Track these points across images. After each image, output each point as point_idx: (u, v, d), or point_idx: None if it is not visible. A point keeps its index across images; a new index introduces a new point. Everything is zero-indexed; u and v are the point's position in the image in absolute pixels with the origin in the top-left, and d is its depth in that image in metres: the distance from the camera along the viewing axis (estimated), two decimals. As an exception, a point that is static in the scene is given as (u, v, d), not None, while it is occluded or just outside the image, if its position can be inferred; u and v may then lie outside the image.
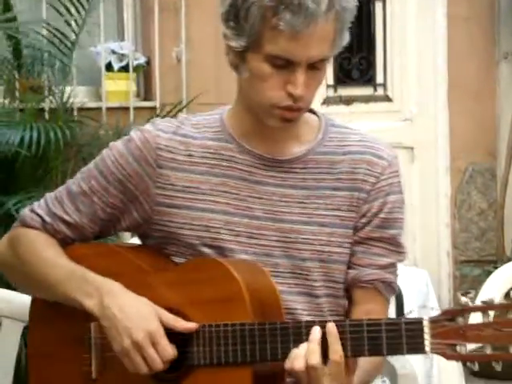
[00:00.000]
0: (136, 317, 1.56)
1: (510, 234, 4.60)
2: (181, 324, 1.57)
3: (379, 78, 4.61)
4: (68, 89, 3.76)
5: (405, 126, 4.60)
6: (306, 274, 1.65)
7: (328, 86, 4.54)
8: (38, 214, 1.72)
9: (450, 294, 4.64)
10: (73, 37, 3.69)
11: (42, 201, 1.73)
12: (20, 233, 1.73)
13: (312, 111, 1.71)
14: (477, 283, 4.43)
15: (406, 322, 1.47)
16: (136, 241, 2.06)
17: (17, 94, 3.77)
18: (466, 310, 1.44)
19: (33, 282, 1.70)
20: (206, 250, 1.64)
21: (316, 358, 1.48)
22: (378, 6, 4.58)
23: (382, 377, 2.20)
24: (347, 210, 1.66)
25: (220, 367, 1.55)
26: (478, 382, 4.00)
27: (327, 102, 4.54)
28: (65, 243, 1.71)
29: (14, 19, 3.64)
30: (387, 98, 4.62)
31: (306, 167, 1.66)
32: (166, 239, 1.67)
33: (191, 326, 1.57)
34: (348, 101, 4.55)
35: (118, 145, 1.69)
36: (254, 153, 1.66)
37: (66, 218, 1.70)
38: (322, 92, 4.53)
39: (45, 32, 3.75)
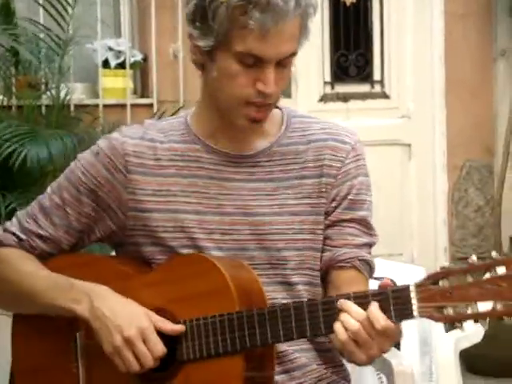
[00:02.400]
0: (126, 315, 1.58)
1: (507, 231, 4.60)
2: (169, 326, 1.58)
3: (376, 75, 4.61)
4: (65, 86, 3.76)
5: (402, 122, 4.60)
6: (283, 264, 1.67)
7: (325, 83, 4.54)
8: (12, 233, 1.72)
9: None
10: (69, 32, 3.68)
11: (14, 220, 1.74)
12: None
13: None
14: (474, 280, 4.43)
15: (392, 290, 1.49)
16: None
17: (13, 90, 3.76)
18: (449, 273, 1.46)
19: (16, 298, 1.70)
20: (185, 250, 1.65)
21: (383, 319, 1.48)
22: (376, 3, 4.58)
23: (378, 373, 2.20)
24: (316, 197, 1.68)
25: (210, 359, 1.56)
26: (474, 379, 4.01)
27: (324, 99, 4.54)
28: (42, 258, 1.71)
29: (13, 14, 3.63)
30: (384, 95, 4.62)
31: (272, 159, 1.69)
32: (141, 245, 1.68)
33: (179, 328, 1.58)
34: (345, 98, 4.54)
35: (86, 155, 1.71)
36: (219, 151, 1.68)
37: (41, 232, 1.70)
38: (319, 89, 4.53)
39: (41, 27, 3.74)
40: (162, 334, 1.58)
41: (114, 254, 1.79)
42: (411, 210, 4.57)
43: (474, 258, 1.47)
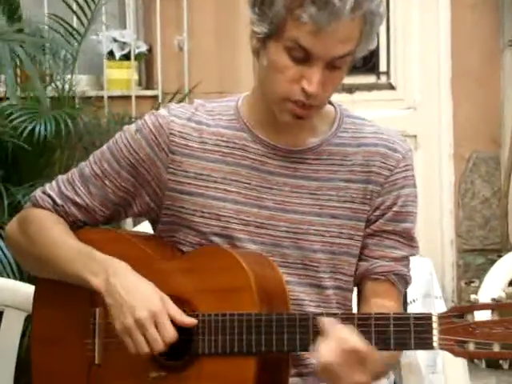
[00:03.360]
0: (141, 296, 1.56)
1: (513, 223, 4.59)
2: (179, 316, 1.56)
3: (382, 66, 4.59)
4: (69, 77, 3.75)
5: (408, 114, 4.59)
6: (316, 266, 1.64)
7: (331, 74, 4.52)
8: (49, 196, 1.72)
9: (453, 283, 4.63)
10: (82, 29, 3.68)
11: (53, 183, 1.74)
12: (30, 213, 1.73)
13: (328, 101, 1.69)
14: (480, 272, 4.42)
15: (414, 317, 1.46)
16: (141, 228, 2.05)
17: (19, 82, 3.75)
18: (474, 308, 1.44)
19: (41, 261, 1.69)
20: (216, 238, 1.64)
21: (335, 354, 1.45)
22: (382, -6, 4.56)
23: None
24: (360, 203, 1.65)
25: (224, 356, 1.55)
26: (481, 372, 4.00)
27: (330, 90, 4.52)
28: (75, 226, 1.71)
29: (18, 6, 3.63)
30: (390, 86, 4.60)
31: (319, 158, 1.66)
32: (176, 225, 1.67)
33: (190, 321, 1.56)
34: (351, 89, 4.53)
35: (131, 128, 1.69)
36: (267, 142, 1.66)
37: (78, 200, 1.70)
38: (324, 80, 4.52)
39: (47, 20, 3.74)
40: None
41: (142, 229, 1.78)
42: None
43: (502, 295, 1.44)
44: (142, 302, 1.56)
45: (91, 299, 1.64)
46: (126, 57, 4.10)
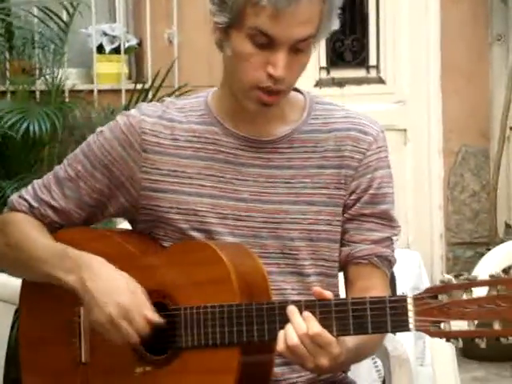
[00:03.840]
0: (112, 292, 1.57)
1: (502, 216, 4.61)
2: (149, 312, 1.56)
3: (372, 60, 4.60)
4: (59, 71, 3.75)
5: (398, 107, 4.60)
6: (295, 254, 1.65)
7: (321, 68, 4.52)
8: (25, 200, 1.72)
9: (442, 276, 4.65)
10: (66, 18, 3.67)
11: (29, 187, 1.74)
12: (8, 216, 1.74)
13: (297, 89, 1.69)
14: (469, 265, 4.44)
15: (390, 301, 1.47)
16: (128, 225, 2.06)
17: (8, 75, 3.75)
18: (448, 288, 1.45)
19: (19, 263, 1.70)
20: (195, 233, 1.64)
21: (294, 338, 1.47)
22: (371, -12, 4.57)
23: (373, 358, 2.20)
24: (335, 188, 1.65)
25: (207, 349, 1.55)
26: (471, 364, 4.02)
27: (320, 84, 4.53)
28: (52, 228, 1.72)
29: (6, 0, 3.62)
30: (380, 80, 4.61)
31: (292, 147, 1.66)
32: (155, 223, 1.67)
33: (156, 319, 1.56)
34: (341, 83, 4.54)
35: (103, 130, 1.69)
36: (238, 135, 1.65)
37: (53, 203, 1.70)
38: (314, 74, 4.52)
39: (36, 13, 3.73)
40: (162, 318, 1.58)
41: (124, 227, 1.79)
42: (407, 195, 4.57)
43: (475, 274, 1.45)
44: (112, 298, 1.56)
45: (76, 298, 1.64)
46: (116, 50, 4.10)
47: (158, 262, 1.62)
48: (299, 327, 1.48)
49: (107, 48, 4.09)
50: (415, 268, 2.95)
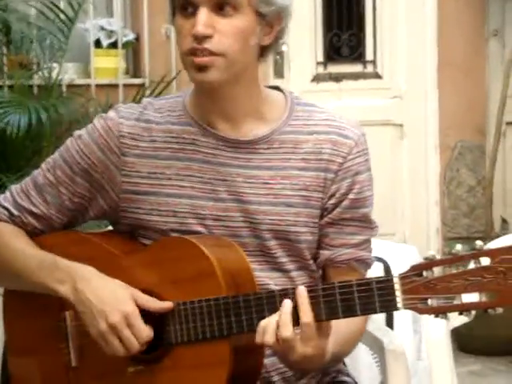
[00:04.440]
0: (110, 299, 1.57)
1: (498, 211, 4.62)
2: (157, 304, 1.57)
3: (369, 55, 4.60)
4: (57, 65, 3.75)
5: (394, 103, 4.60)
6: (274, 253, 1.65)
7: (318, 63, 4.53)
8: (5, 208, 1.71)
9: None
10: (70, 13, 3.67)
11: (7, 193, 1.72)
12: None
13: (279, 89, 1.70)
14: (465, 260, 4.44)
15: (377, 281, 1.48)
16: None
17: (5, 70, 3.75)
18: (433, 264, 1.46)
19: (4, 274, 1.69)
20: (175, 234, 1.64)
21: (289, 330, 1.48)
22: (368, -17, 4.57)
23: (373, 353, 2.21)
24: (313, 191, 1.65)
25: (198, 343, 1.56)
26: (467, 358, 4.03)
27: (317, 79, 4.53)
28: (34, 235, 1.71)
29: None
30: (377, 75, 4.61)
31: (271, 147, 1.65)
32: (135, 226, 1.67)
33: (167, 305, 1.57)
34: (337, 78, 4.54)
35: (82, 134, 1.69)
36: (216, 135, 1.65)
37: (34, 209, 1.69)
38: (311, 69, 4.53)
39: (34, 9, 3.73)
40: (149, 317, 1.57)
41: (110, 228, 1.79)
42: (403, 190, 4.58)
43: (458, 248, 1.45)
44: (112, 306, 1.56)
45: (60, 303, 1.64)
46: (114, 45, 4.10)
47: (141, 261, 1.62)
48: (284, 328, 1.48)
49: (105, 43, 4.09)
50: (412, 262, 2.95)
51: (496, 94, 4.47)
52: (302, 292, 1.49)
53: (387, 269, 2.30)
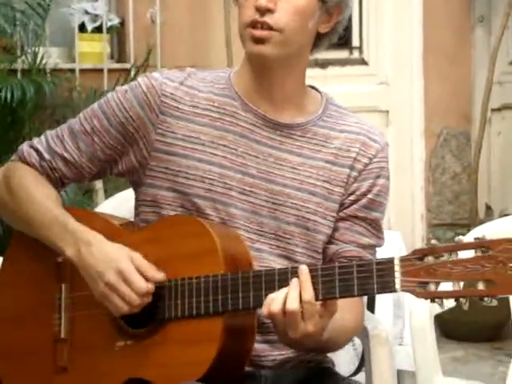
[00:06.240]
0: (106, 260, 1.59)
1: (483, 198, 4.63)
2: (151, 271, 1.58)
3: (355, 42, 4.59)
4: (41, 49, 3.72)
5: (380, 89, 4.60)
6: (289, 238, 1.68)
7: (303, 49, 4.52)
8: (36, 150, 1.73)
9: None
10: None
11: (42, 137, 1.74)
12: (15, 167, 1.73)
13: (314, 88, 1.77)
14: (450, 246, 4.46)
15: (377, 263, 1.50)
16: (112, 201, 2.06)
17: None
18: (435, 250, 1.48)
19: (19, 219, 1.71)
20: (199, 200, 1.66)
21: (296, 303, 1.49)
22: (354, -31, 4.56)
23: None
24: (336, 185, 1.70)
25: (191, 319, 1.57)
26: (450, 344, 4.05)
27: (303, 64, 4.52)
28: (60, 183, 1.73)
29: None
30: (363, 62, 4.61)
31: (305, 136, 1.71)
32: (158, 187, 1.69)
33: (159, 276, 1.58)
34: (323, 64, 4.53)
35: (124, 88, 1.72)
36: (257, 112, 1.70)
37: (66, 155, 1.71)
38: (297, 55, 4.51)
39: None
40: None
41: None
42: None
43: (460, 237, 1.48)
44: (106, 265, 1.58)
45: (57, 275, 1.65)
46: (98, 29, 4.07)
47: (144, 237, 1.64)
48: (291, 301, 1.49)
49: (89, 27, 4.06)
50: (396, 248, 2.96)
51: (481, 81, 4.47)
52: (305, 270, 1.51)
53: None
